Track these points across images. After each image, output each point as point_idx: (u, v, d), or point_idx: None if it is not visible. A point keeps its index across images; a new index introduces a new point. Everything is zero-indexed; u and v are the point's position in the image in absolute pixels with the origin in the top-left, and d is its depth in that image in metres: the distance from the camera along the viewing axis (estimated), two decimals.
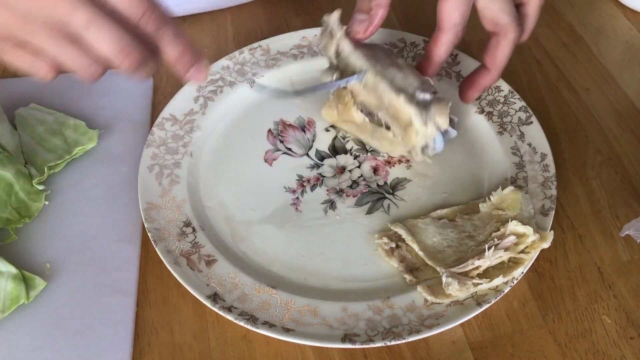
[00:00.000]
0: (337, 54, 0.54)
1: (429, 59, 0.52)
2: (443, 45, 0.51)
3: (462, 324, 0.47)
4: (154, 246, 0.50)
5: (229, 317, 0.46)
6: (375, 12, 0.52)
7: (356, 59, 0.52)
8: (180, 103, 0.60)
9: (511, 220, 0.48)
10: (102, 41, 0.39)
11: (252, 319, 0.46)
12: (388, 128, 0.53)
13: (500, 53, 0.51)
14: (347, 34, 0.53)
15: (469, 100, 0.55)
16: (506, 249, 0.47)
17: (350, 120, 0.55)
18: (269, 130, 0.60)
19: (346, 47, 0.53)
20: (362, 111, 0.54)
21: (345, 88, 0.54)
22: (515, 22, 0.50)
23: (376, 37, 0.65)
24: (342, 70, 0.54)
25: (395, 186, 0.56)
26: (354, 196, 0.55)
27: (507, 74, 0.62)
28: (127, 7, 0.39)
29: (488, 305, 0.46)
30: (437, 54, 0.52)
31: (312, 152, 0.58)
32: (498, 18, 0.50)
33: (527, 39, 0.53)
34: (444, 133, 0.52)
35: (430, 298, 0.47)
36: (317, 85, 0.54)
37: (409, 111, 0.50)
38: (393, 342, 0.45)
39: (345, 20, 0.55)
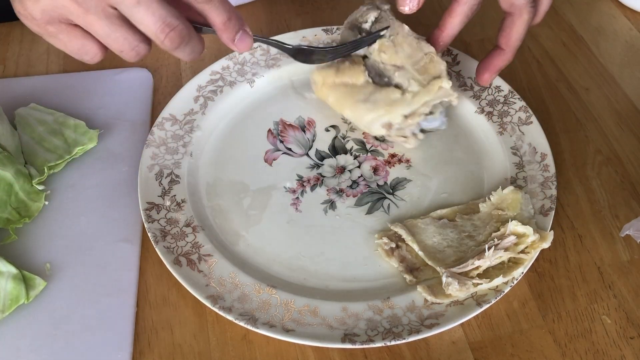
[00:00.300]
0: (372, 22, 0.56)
1: (442, 29, 0.53)
2: (458, 16, 0.51)
3: (462, 324, 0.47)
4: (154, 246, 0.50)
5: (229, 317, 0.46)
6: None
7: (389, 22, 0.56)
8: (180, 103, 0.60)
9: (511, 220, 0.48)
10: (149, 18, 0.41)
11: (252, 319, 0.46)
12: (397, 87, 0.55)
13: (515, 33, 0.51)
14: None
15: (486, 82, 0.55)
16: (506, 249, 0.47)
17: (348, 82, 0.56)
18: (269, 130, 0.60)
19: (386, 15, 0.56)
20: (368, 73, 0.55)
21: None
22: (530, 3, 0.50)
23: None
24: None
25: (395, 186, 0.56)
26: (354, 196, 0.55)
27: (507, 74, 0.62)
28: None
29: (488, 305, 0.46)
30: (451, 24, 0.52)
31: (312, 152, 0.58)
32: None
33: (539, 22, 0.53)
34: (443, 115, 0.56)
35: (430, 298, 0.47)
36: (348, 43, 0.55)
37: (441, 65, 0.54)
38: (393, 342, 0.45)
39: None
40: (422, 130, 0.56)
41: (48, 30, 0.44)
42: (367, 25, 0.56)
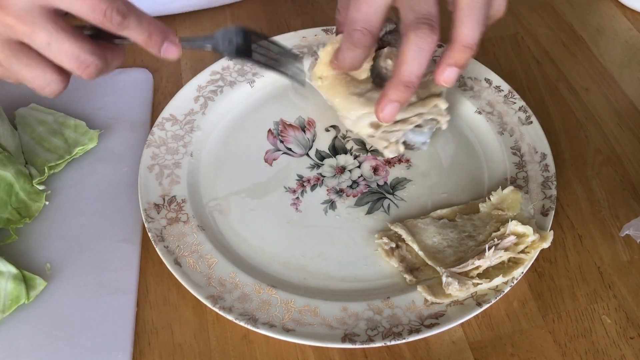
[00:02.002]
0: None
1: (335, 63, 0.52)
2: (342, 49, 0.50)
3: (462, 324, 0.47)
4: (154, 246, 0.50)
5: (229, 317, 0.46)
6: (338, 29, 0.52)
7: None
8: (180, 103, 0.61)
9: (511, 220, 0.48)
10: (63, 57, 0.41)
11: (252, 319, 0.46)
12: None
13: (401, 56, 0.46)
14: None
15: (379, 117, 0.49)
16: (506, 249, 0.47)
17: (352, 73, 0.55)
18: (269, 130, 0.60)
19: None
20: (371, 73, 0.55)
21: None
22: (417, 21, 0.45)
23: None
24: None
25: (395, 186, 0.56)
26: (354, 196, 0.55)
27: (507, 74, 0.62)
28: (88, 13, 0.40)
29: (488, 305, 0.46)
30: (339, 57, 0.51)
31: (312, 152, 0.58)
32: (402, 16, 0.46)
33: (468, 56, 0.47)
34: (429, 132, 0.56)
35: (430, 298, 0.47)
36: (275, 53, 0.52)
37: (443, 87, 0.53)
38: (393, 342, 0.45)
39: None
40: (404, 143, 0.56)
41: None
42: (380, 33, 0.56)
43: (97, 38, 0.43)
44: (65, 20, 0.41)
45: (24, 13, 0.39)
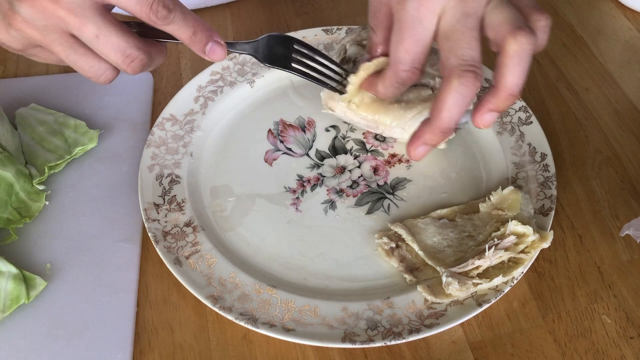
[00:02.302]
0: None
1: (378, 90, 0.49)
2: (387, 80, 0.47)
3: (462, 324, 0.47)
4: (154, 246, 0.50)
5: (229, 317, 0.46)
6: (374, 49, 0.49)
7: None
8: (180, 103, 0.61)
9: (511, 220, 0.48)
10: (109, 51, 0.42)
11: (252, 319, 0.46)
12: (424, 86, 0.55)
13: (441, 102, 0.44)
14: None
15: (410, 155, 0.48)
16: (506, 249, 0.47)
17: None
18: (269, 130, 0.60)
19: None
20: None
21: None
22: (462, 66, 0.42)
23: None
24: None
25: (395, 186, 0.56)
26: (354, 196, 0.55)
27: None
28: (135, 6, 0.41)
29: (488, 305, 0.46)
30: (385, 88, 0.48)
31: (312, 152, 0.58)
32: (444, 59, 0.44)
33: (511, 101, 0.45)
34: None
35: (430, 298, 0.47)
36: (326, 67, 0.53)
37: None
38: (393, 342, 0.45)
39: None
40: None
41: (28, 53, 0.45)
42: None
43: (143, 36, 0.44)
44: (113, 15, 0.42)
45: (75, 6, 0.40)
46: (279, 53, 0.49)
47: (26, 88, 0.64)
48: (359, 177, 0.57)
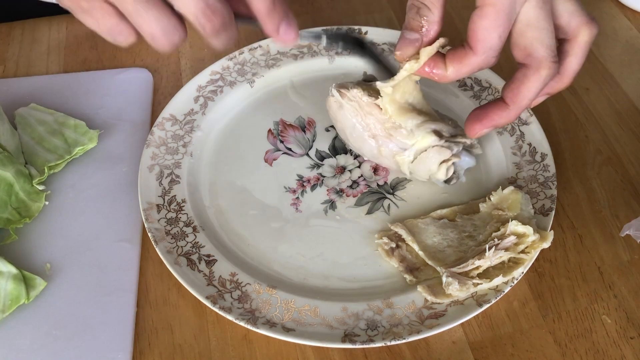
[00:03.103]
0: None
1: (447, 75, 0.44)
2: (468, 67, 0.43)
3: (462, 324, 0.47)
4: (154, 246, 0.50)
5: (229, 317, 0.46)
6: (428, 29, 0.43)
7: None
8: (180, 103, 0.61)
9: (511, 220, 0.48)
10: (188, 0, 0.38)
11: (252, 319, 0.46)
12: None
13: (526, 89, 0.43)
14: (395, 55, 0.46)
15: (474, 133, 0.47)
16: (506, 249, 0.47)
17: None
18: (269, 130, 0.60)
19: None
20: None
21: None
22: (551, 57, 0.42)
23: (377, 37, 0.65)
24: None
25: (395, 186, 0.56)
26: (354, 196, 0.55)
27: (507, 74, 0.62)
28: None
29: (488, 305, 0.46)
30: (461, 72, 0.44)
31: (312, 152, 0.58)
32: (532, 48, 0.42)
33: (566, 87, 0.46)
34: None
35: (430, 298, 0.47)
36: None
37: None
38: (393, 342, 0.45)
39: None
40: (454, 166, 0.53)
41: (81, 5, 0.40)
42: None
43: None
44: None
45: None
46: (349, 43, 0.50)
47: (26, 88, 0.64)
48: (359, 177, 0.57)
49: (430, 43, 0.44)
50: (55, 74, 0.66)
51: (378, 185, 0.56)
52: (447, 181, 0.53)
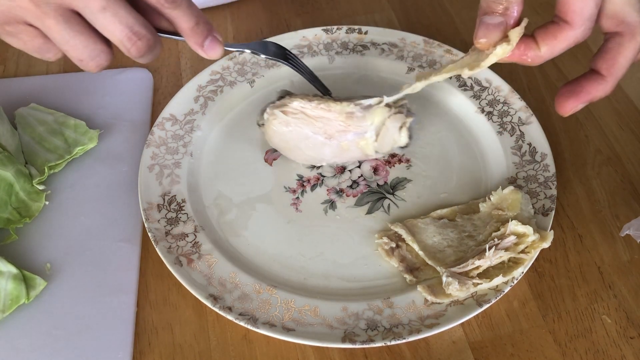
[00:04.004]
0: None
1: (541, 55, 0.42)
2: (565, 42, 0.41)
3: (462, 324, 0.47)
4: (154, 246, 0.50)
5: (229, 317, 0.46)
6: (511, 9, 0.41)
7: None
8: (180, 103, 0.60)
9: (511, 220, 0.48)
10: (116, 26, 0.39)
11: (252, 319, 0.46)
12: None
13: (622, 58, 0.42)
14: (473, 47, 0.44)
15: (567, 110, 0.44)
16: (506, 249, 0.47)
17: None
18: None
19: None
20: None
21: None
22: None
23: (377, 37, 0.65)
24: None
25: (395, 186, 0.56)
26: (354, 196, 0.55)
27: (507, 74, 0.62)
28: None
29: (488, 305, 0.46)
30: (556, 49, 0.42)
31: None
32: (624, 14, 0.40)
33: None
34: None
35: (430, 298, 0.47)
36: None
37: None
38: (393, 342, 0.45)
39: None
40: (409, 130, 0.53)
41: (5, 30, 0.41)
42: None
43: None
44: None
45: None
46: (277, 53, 0.52)
47: (26, 88, 0.64)
48: (359, 177, 0.57)
49: (516, 24, 0.41)
50: (55, 73, 0.66)
51: (378, 185, 0.56)
52: (406, 146, 0.54)
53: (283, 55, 0.53)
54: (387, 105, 0.52)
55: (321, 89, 0.55)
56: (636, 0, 0.41)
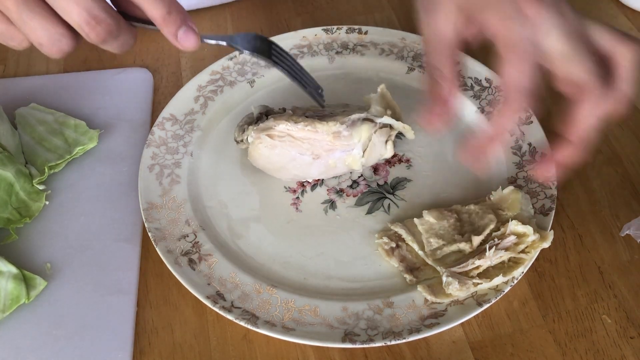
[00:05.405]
0: None
1: (491, 135, 0.45)
2: (508, 117, 0.43)
3: (462, 324, 0.47)
4: (155, 246, 0.50)
5: (229, 316, 0.46)
6: (451, 96, 0.45)
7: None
8: (180, 103, 0.61)
9: (511, 220, 0.48)
10: (74, 8, 0.37)
11: (253, 319, 0.46)
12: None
13: (582, 119, 0.42)
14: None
15: (546, 179, 0.47)
16: (506, 249, 0.47)
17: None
18: None
19: None
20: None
21: None
22: (595, 79, 0.41)
23: (377, 37, 0.65)
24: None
25: (395, 186, 0.56)
26: (354, 196, 0.55)
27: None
28: None
29: (488, 304, 0.46)
30: (501, 126, 0.44)
31: None
32: (572, 75, 0.41)
33: (619, 112, 0.43)
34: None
35: (430, 298, 0.47)
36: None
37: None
38: (393, 342, 0.45)
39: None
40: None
41: None
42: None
43: None
44: None
45: None
46: (261, 48, 0.47)
47: (26, 88, 0.64)
48: (359, 176, 0.57)
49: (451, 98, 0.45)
50: (56, 73, 0.66)
51: (378, 185, 0.56)
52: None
53: (267, 51, 0.47)
54: (372, 120, 0.52)
55: (314, 94, 0.51)
56: (583, 62, 0.41)
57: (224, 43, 0.45)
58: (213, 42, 0.45)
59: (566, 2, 0.42)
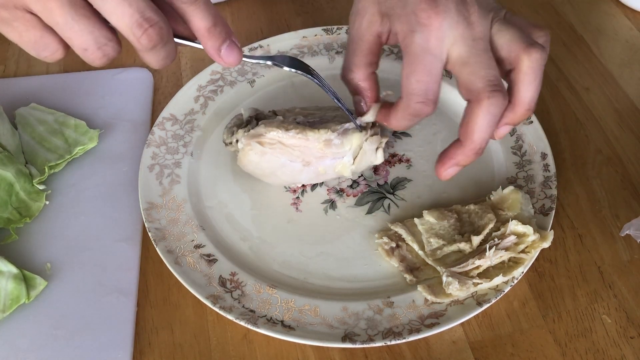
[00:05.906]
0: None
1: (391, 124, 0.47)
2: (402, 119, 0.45)
3: (462, 324, 0.47)
4: (155, 246, 0.50)
5: (229, 316, 0.46)
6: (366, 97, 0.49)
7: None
8: (180, 103, 0.61)
9: (511, 220, 0.48)
10: (125, 9, 0.35)
11: (253, 319, 0.46)
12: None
13: (473, 124, 0.42)
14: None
15: (443, 177, 0.47)
16: (506, 249, 0.47)
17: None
18: None
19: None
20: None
21: None
22: (489, 87, 0.41)
23: None
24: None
25: (395, 186, 0.56)
26: (354, 196, 0.55)
27: None
28: None
29: (488, 304, 0.46)
30: (393, 123, 0.46)
31: None
32: (469, 83, 0.42)
33: (527, 115, 0.44)
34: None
35: (430, 297, 0.47)
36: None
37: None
38: (393, 342, 0.45)
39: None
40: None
41: (1, 16, 0.37)
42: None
43: None
44: None
45: None
46: (301, 67, 0.48)
47: (26, 88, 0.64)
48: (359, 176, 0.57)
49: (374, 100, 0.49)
50: (56, 73, 0.66)
51: (378, 184, 0.56)
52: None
53: (307, 69, 0.48)
54: (363, 128, 0.51)
55: (349, 112, 0.51)
56: (480, 69, 0.42)
57: (269, 62, 0.46)
58: (254, 61, 0.45)
59: (474, 2, 0.42)
